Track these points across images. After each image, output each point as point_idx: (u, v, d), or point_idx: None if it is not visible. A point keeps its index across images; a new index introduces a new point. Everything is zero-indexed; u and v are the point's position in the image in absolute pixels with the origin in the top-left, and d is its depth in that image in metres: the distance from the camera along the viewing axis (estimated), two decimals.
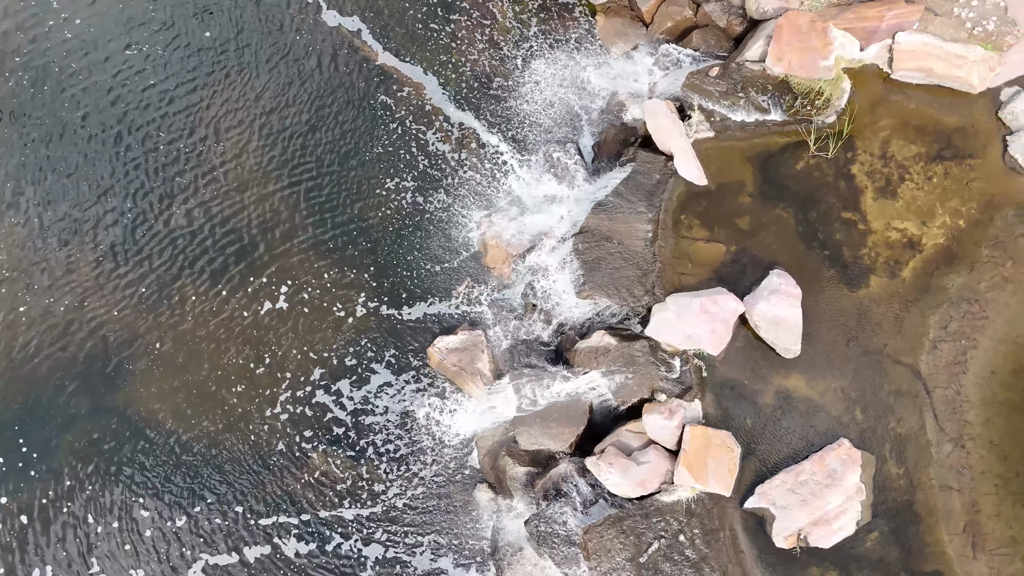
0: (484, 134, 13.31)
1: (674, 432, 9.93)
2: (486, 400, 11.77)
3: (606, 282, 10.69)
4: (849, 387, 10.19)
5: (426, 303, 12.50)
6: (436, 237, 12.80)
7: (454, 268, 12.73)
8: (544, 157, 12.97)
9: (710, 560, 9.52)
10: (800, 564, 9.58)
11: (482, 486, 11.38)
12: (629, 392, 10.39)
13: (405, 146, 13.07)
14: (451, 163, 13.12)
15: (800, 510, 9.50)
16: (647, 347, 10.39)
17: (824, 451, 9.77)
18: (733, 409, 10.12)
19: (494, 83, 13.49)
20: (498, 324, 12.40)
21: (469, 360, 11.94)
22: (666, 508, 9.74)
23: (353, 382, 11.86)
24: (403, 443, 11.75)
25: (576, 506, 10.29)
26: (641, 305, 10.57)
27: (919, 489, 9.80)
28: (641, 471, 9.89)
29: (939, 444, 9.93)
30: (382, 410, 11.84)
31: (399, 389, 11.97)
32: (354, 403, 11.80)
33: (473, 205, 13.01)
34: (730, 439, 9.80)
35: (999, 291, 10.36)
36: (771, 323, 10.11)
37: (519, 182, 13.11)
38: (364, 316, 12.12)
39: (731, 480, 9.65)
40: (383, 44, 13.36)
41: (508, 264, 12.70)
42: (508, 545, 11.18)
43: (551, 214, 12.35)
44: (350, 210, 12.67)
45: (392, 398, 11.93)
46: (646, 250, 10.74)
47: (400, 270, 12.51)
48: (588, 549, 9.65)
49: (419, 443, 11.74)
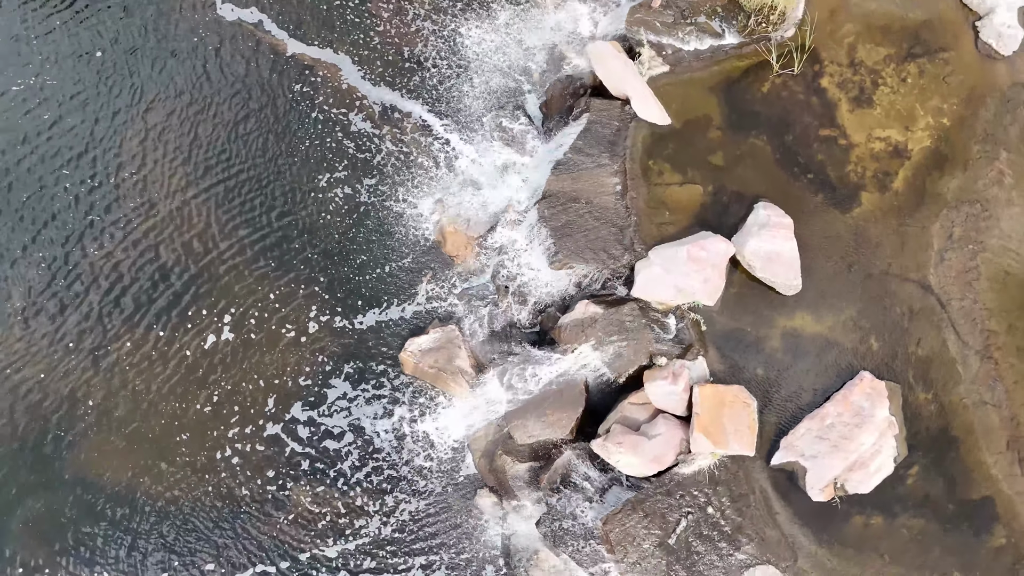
0: (419, 114, 12.19)
1: (682, 396, 9.00)
2: (472, 399, 10.72)
3: (580, 247, 9.69)
4: (859, 316, 9.37)
5: (388, 307, 11.37)
6: (386, 234, 11.66)
7: (412, 264, 11.61)
8: (489, 127, 11.91)
9: (745, 528, 8.62)
10: (842, 515, 8.74)
11: (483, 492, 10.31)
12: (625, 362, 9.42)
13: (335, 141, 11.90)
14: (388, 151, 11.98)
15: (832, 457, 8.65)
16: (637, 309, 9.44)
17: (846, 389, 8.93)
18: (741, 360, 9.22)
19: (420, 58, 12.37)
20: (471, 315, 11.34)
21: (446, 359, 10.88)
22: (688, 481, 8.81)
23: (319, 407, 10.70)
24: (388, 462, 10.64)
25: (589, 496, 9.31)
26: (622, 265, 9.60)
27: (952, 411, 9.03)
28: (653, 445, 8.94)
29: (965, 360, 9.16)
30: (358, 430, 10.71)
31: (373, 404, 10.85)
32: (324, 429, 10.64)
33: (421, 193, 11.90)
34: (743, 393, 8.90)
35: (998, 187, 9.62)
36: (766, 260, 9.22)
37: (467, 159, 12.03)
38: (320, 333, 10.96)
39: (752, 438, 8.75)
40: (289, 31, 12.14)
41: (471, 249, 11.63)
42: (522, 551, 10.17)
43: (508, 186, 11.31)
44: (286, 219, 11.46)
45: (367, 416, 10.80)
46: (618, 205, 9.77)
47: (353, 276, 11.35)
48: (611, 541, 8.68)
49: (406, 459, 10.65)
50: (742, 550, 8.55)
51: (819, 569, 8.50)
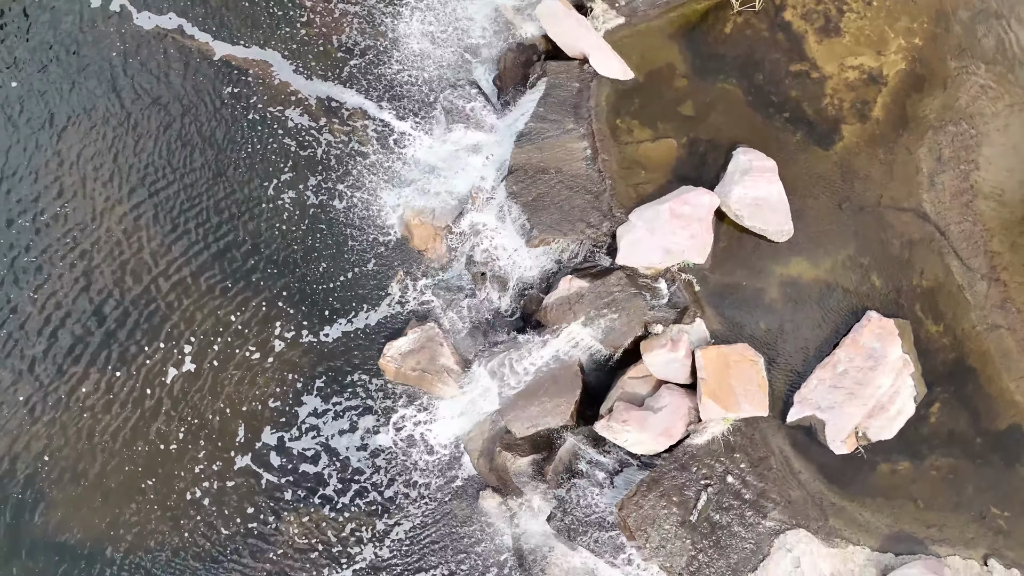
0: (365, 106, 11.43)
1: (684, 363, 8.42)
2: (462, 397, 10.05)
3: (556, 219, 9.05)
4: (857, 254, 8.87)
5: (359, 313, 10.63)
6: (348, 236, 10.91)
7: (380, 264, 10.88)
8: (442, 110, 11.21)
9: (768, 493, 8.08)
10: (867, 466, 8.23)
11: (485, 493, 9.67)
12: (619, 335, 8.82)
13: (277, 144, 11.09)
14: (337, 148, 11.22)
15: (850, 405, 8.13)
16: (624, 278, 8.83)
17: (854, 332, 8.42)
18: (740, 317, 8.66)
19: (356, 46, 11.61)
20: (450, 309, 10.65)
21: (429, 359, 10.19)
22: (702, 452, 8.24)
23: (294, 430, 9.93)
24: (379, 477, 9.92)
25: (599, 482, 8.70)
26: (603, 233, 8.98)
27: (966, 340, 8.57)
28: (660, 419, 8.35)
29: (972, 285, 8.71)
30: (341, 448, 9.97)
31: (356, 418, 10.12)
32: (303, 452, 9.88)
33: (379, 188, 11.16)
34: (748, 351, 8.34)
35: (981, 101, 9.17)
36: (754, 207, 8.67)
37: (423, 146, 11.32)
38: (288, 351, 10.19)
39: (764, 397, 8.20)
40: (214, 33, 11.31)
41: (440, 240, 10.92)
42: (535, 550, 9.53)
43: (471, 167, 10.62)
44: (236, 233, 10.65)
45: (350, 431, 10.07)
46: (590, 170, 9.14)
47: (317, 285, 10.58)
48: (629, 527, 8.08)
49: (398, 471, 9.94)
50: (769, 516, 8.01)
51: (851, 525, 7.99)
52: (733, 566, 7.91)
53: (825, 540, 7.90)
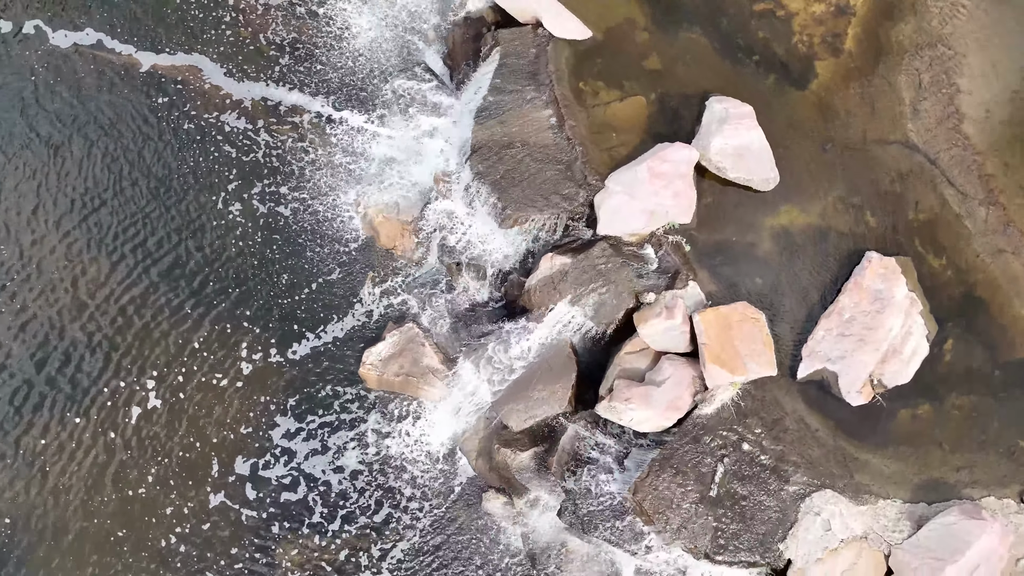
0: (310, 104, 10.77)
1: (682, 331, 7.90)
2: (451, 397, 9.45)
3: (528, 195, 8.47)
4: (847, 194, 8.42)
5: (331, 323, 9.97)
6: (309, 243, 10.24)
7: (348, 269, 10.23)
8: (393, 97, 10.58)
9: (788, 456, 7.58)
10: (887, 414, 7.78)
11: (488, 495, 9.14)
12: (610, 310, 8.27)
13: (220, 153, 10.37)
14: (286, 152, 10.54)
15: (861, 353, 7.67)
16: (608, 248, 8.28)
17: (856, 275, 7.96)
18: (735, 274, 8.16)
19: (293, 44, 10.94)
20: (428, 307, 10.04)
21: (412, 361, 9.59)
22: (713, 421, 7.72)
23: (272, 455, 9.25)
24: (372, 493, 9.29)
25: (608, 468, 8.15)
26: (580, 204, 8.42)
27: (971, 270, 8.16)
28: (664, 392, 7.82)
29: (970, 212, 8.30)
30: (327, 470, 9.31)
31: (339, 434, 9.47)
32: (286, 479, 9.20)
33: (337, 188, 10.50)
34: (748, 308, 7.84)
35: (955, 20, 8.76)
36: (735, 157, 8.17)
37: (379, 138, 10.68)
38: (259, 372, 9.50)
39: (770, 355, 7.71)
40: (136, 44, 10.55)
41: (408, 235, 10.30)
42: (548, 548, 8.97)
43: (432, 153, 10.02)
44: (188, 254, 9.92)
45: (333, 450, 9.41)
46: (558, 139, 8.57)
47: (282, 299, 9.90)
48: (646, 511, 7.54)
49: (392, 483, 9.32)
50: (792, 480, 7.52)
51: (878, 478, 7.53)
52: (761, 538, 7.42)
53: (853, 498, 7.44)
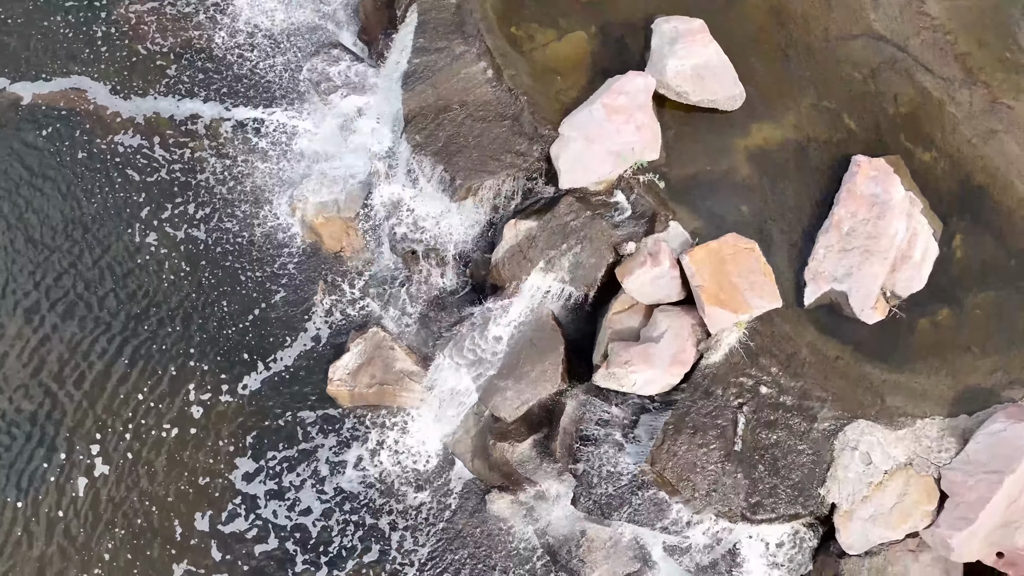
0: (217, 111, 9.73)
1: (671, 277, 7.12)
2: (433, 398, 8.58)
3: (477, 160, 7.60)
4: (820, 99, 7.74)
5: (287, 344, 9.00)
6: (245, 263, 9.25)
7: (295, 282, 9.27)
8: (310, 85, 9.60)
9: (811, 392, 6.86)
10: (906, 327, 7.12)
11: (492, 495, 8.41)
12: (589, 269, 7.45)
13: (126, 180, 9.28)
14: (201, 167, 9.49)
15: (869, 265, 6.98)
16: (574, 203, 7.46)
17: (846, 184, 7.27)
18: (717, 206, 7.41)
19: (188, 49, 9.88)
20: (390, 306, 9.13)
21: (383, 368, 8.70)
22: (723, 369, 6.96)
23: (242, 500, 8.26)
24: (362, 527, 8.37)
25: (618, 441, 7.35)
26: (535, 159, 7.57)
27: (965, 158, 7.55)
28: (665, 347, 7.04)
29: (952, 96, 7.68)
30: (304, 508, 8.36)
31: (317, 463, 8.52)
32: (261, 524, 8.22)
33: (266, 196, 9.51)
34: (739, 239, 7.09)
35: None
36: (695, 78, 7.40)
37: (299, 133, 9.71)
38: (212, 414, 8.50)
39: (772, 285, 6.97)
40: (10, 76, 9.40)
41: (354, 232, 9.37)
42: (566, 540, 8.17)
43: (362, 135, 9.08)
44: (113, 299, 8.84)
45: (315, 479, 8.46)
46: (499, 92, 7.71)
47: (226, 330, 8.91)
48: (669, 480, 6.75)
49: (384, 508, 8.41)
50: (820, 417, 6.80)
51: (911, 397, 6.86)
52: (798, 486, 6.68)
53: (889, 424, 6.75)
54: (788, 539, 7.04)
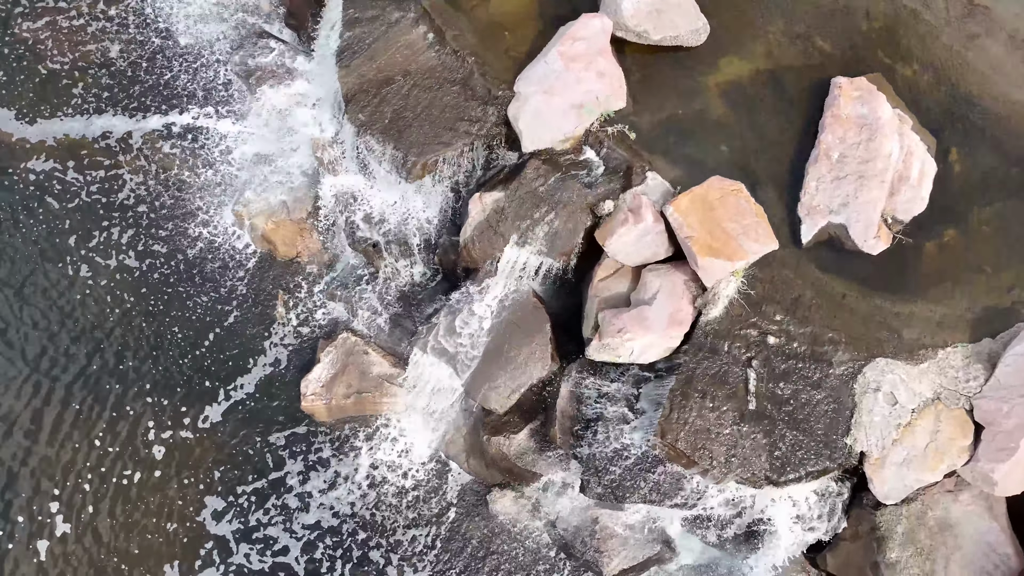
0: (143, 124, 8.95)
1: (656, 232, 6.53)
2: (416, 400, 7.93)
3: (429, 132, 6.93)
4: (789, 24, 7.19)
5: (251, 364, 8.28)
6: (195, 283, 8.51)
7: (251, 296, 8.56)
8: (238, 79, 8.85)
9: (822, 336, 6.31)
10: (912, 253, 6.61)
11: (494, 495, 7.90)
12: (566, 237, 6.83)
13: (48, 211, 8.47)
14: (133, 184, 8.71)
15: (865, 191, 6.45)
16: (541, 166, 6.83)
17: (828, 109, 6.73)
18: (695, 150, 6.83)
19: (105, 64, 9.06)
20: (357, 308, 8.46)
21: (359, 375, 8.06)
22: (725, 323, 6.39)
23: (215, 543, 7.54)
24: (358, 539, 7.69)
25: (621, 417, 6.75)
26: (492, 124, 6.93)
27: (948, 67, 7.05)
28: (660, 309, 6.45)
29: (927, 4, 7.20)
30: (302, 527, 7.67)
31: (307, 484, 7.82)
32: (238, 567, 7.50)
33: (207, 208, 8.78)
34: (723, 181, 6.51)
35: None
36: (654, 14, 6.80)
37: (234, 135, 8.96)
38: (175, 452, 7.76)
39: (767, 226, 6.41)
40: None
41: (308, 234, 8.68)
42: (579, 531, 7.58)
43: (302, 127, 8.36)
44: (57, 342, 8.05)
45: (302, 502, 7.77)
46: (443, 56, 7.04)
47: (181, 359, 8.19)
48: (683, 451, 6.16)
49: (378, 523, 7.75)
50: (835, 361, 6.26)
51: (928, 327, 6.35)
52: (822, 438, 6.14)
53: (909, 358, 6.23)
54: (817, 497, 6.51)
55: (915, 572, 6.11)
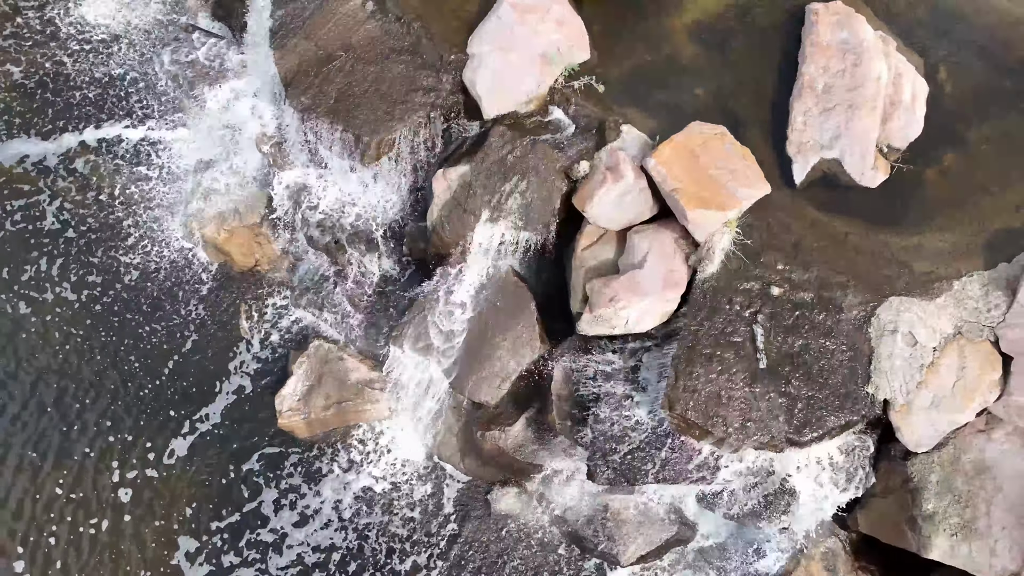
0: (71, 143, 8.26)
1: (639, 189, 6.01)
2: (401, 402, 7.38)
3: (380, 109, 6.33)
4: None
5: (215, 391, 7.65)
6: (148, 307, 7.86)
7: (209, 316, 7.93)
8: (169, 80, 8.19)
9: (829, 280, 5.84)
10: (912, 181, 6.16)
11: (496, 493, 7.49)
12: (541, 206, 6.29)
13: None
14: (61, 209, 8.01)
15: (856, 121, 5.99)
16: (506, 132, 6.27)
17: (807, 37, 6.26)
18: (669, 97, 6.33)
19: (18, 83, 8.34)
20: (326, 312, 7.87)
21: (337, 384, 7.53)
22: (724, 278, 5.89)
23: None
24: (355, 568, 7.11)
25: (623, 394, 6.23)
26: (448, 91, 6.36)
27: None
28: (652, 271, 5.94)
29: None
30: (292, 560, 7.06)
31: (284, 514, 7.23)
32: None
33: (154, 225, 8.12)
34: (704, 126, 6.01)
35: None
36: None
37: (174, 142, 8.32)
38: (144, 493, 7.12)
39: (755, 168, 5.92)
40: None
41: (264, 239, 8.06)
42: (590, 521, 7.08)
43: (243, 123, 7.72)
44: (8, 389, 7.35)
45: (284, 535, 7.17)
46: (386, 24, 6.45)
47: (141, 391, 7.58)
48: (695, 421, 5.66)
49: (375, 543, 7.17)
50: (845, 306, 5.79)
51: (941, 258, 5.92)
52: (842, 390, 5.66)
53: (924, 294, 5.78)
54: (842, 455, 6.04)
55: (955, 522, 5.67)
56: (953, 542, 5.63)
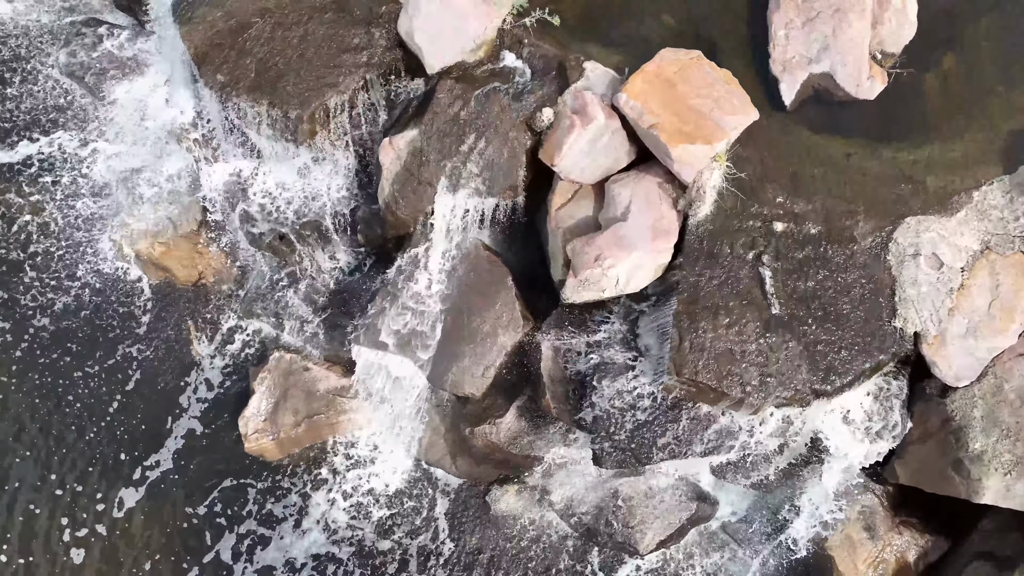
0: None
1: (612, 131, 5.32)
2: (378, 408, 6.63)
3: (309, 76, 5.58)
4: None
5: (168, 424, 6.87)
6: (82, 340, 7.04)
7: (152, 342, 7.11)
8: (74, 80, 7.32)
9: (835, 210, 5.24)
10: (913, 88, 5.54)
11: (495, 493, 6.95)
12: (505, 165, 5.57)
13: None
14: None
15: (845, 28, 5.37)
16: (454, 86, 5.53)
17: None
18: (633, 26, 5.68)
19: None
20: (284, 319, 7.08)
21: (304, 396, 6.85)
22: (720, 220, 5.22)
23: None
24: None
25: (622, 364, 5.54)
26: (383, 49, 5.62)
27: None
28: (638, 221, 5.26)
29: None
30: None
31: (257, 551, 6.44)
32: None
33: (79, 246, 7.29)
34: (677, 52, 5.32)
35: None
36: None
37: (88, 153, 7.49)
38: (98, 550, 6.29)
39: (741, 93, 5.25)
40: None
41: (205, 248, 7.26)
42: (601, 511, 6.42)
43: (160, 118, 6.88)
44: None
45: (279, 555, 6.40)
46: None
47: (86, 435, 6.79)
48: (708, 386, 4.98)
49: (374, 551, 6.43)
50: (858, 234, 5.16)
51: (954, 168, 5.37)
52: (866, 329, 5.04)
53: (942, 210, 5.17)
54: (872, 402, 5.41)
55: (1008, 459, 5.07)
56: (1008, 481, 5.03)
